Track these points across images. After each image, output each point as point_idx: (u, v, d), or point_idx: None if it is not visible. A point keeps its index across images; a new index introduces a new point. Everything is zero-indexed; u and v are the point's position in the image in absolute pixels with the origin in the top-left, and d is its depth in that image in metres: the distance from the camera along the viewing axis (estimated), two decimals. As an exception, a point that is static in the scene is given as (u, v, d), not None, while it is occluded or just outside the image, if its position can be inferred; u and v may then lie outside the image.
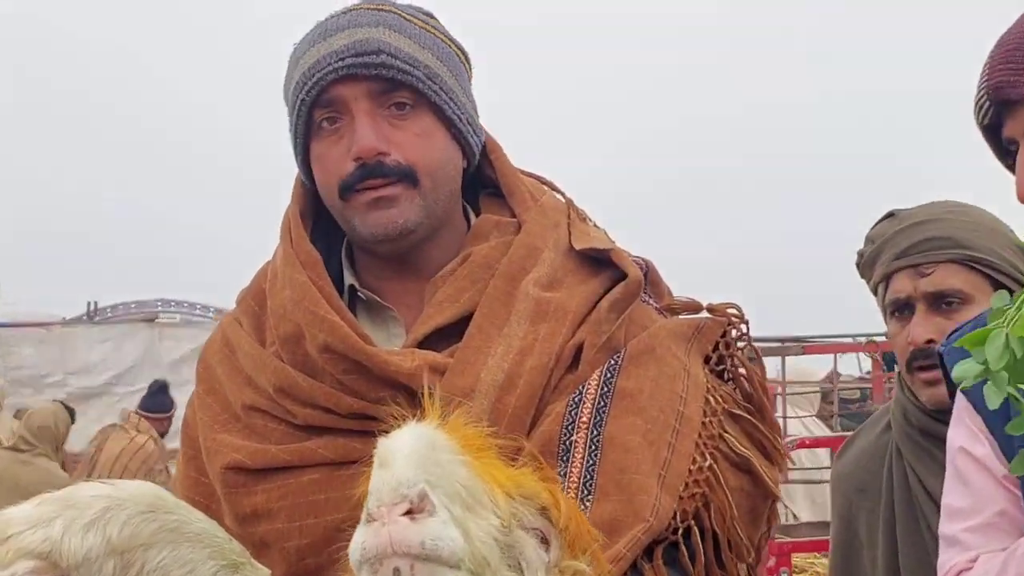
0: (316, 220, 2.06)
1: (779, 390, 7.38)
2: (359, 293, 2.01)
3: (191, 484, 1.98)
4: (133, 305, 16.20)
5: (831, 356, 7.81)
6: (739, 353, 2.02)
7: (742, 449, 1.88)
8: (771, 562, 6.01)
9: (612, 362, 1.87)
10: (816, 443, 6.95)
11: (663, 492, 1.75)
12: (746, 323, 2.04)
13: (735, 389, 1.99)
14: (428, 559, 1.32)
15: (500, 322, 1.89)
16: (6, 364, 13.47)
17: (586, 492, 1.73)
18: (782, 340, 8.44)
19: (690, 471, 1.79)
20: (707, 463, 1.81)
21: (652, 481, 1.75)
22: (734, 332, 2.02)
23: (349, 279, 2.03)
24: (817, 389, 8.82)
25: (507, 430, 1.72)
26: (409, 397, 1.71)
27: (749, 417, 1.95)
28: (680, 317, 2.04)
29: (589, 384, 1.83)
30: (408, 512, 1.33)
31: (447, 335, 1.90)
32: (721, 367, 2.00)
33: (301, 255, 1.96)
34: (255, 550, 1.81)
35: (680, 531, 1.77)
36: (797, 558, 6.23)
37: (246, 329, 2.02)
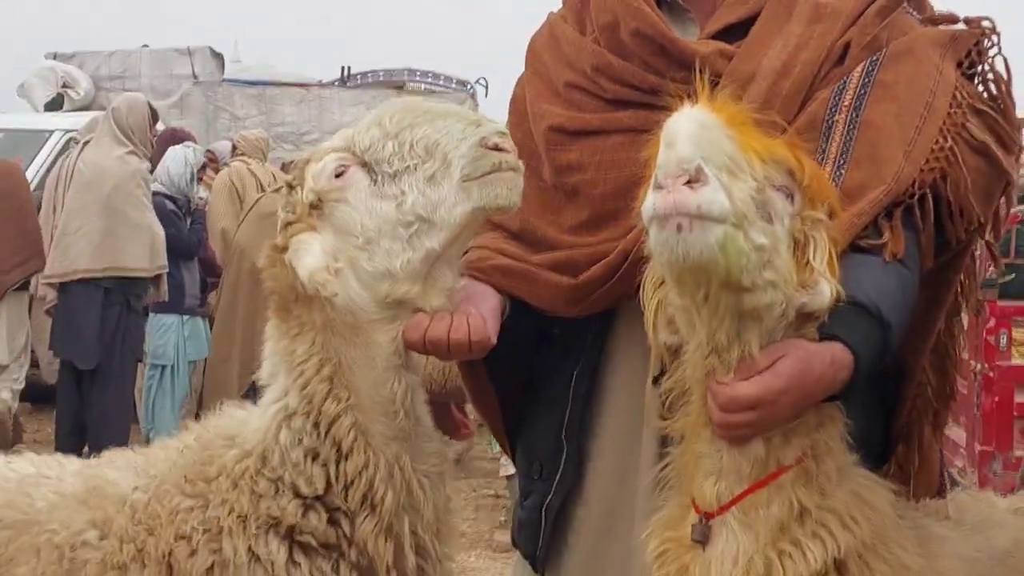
0: None
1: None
2: None
3: (517, 142, 2.40)
4: (382, 73, 16.84)
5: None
6: (989, 61, 2.21)
7: (982, 136, 2.11)
8: (991, 323, 6.27)
9: (874, 58, 2.15)
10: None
11: (906, 163, 2.03)
12: (997, 35, 2.22)
13: (983, 92, 2.19)
14: (702, 217, 1.73)
15: (781, 21, 2.21)
16: (270, 120, 14.36)
17: (841, 163, 2.05)
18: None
19: (932, 150, 2.05)
20: (948, 144, 2.06)
21: (898, 154, 2.03)
22: (987, 42, 2.22)
23: None
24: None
25: (780, 111, 2.07)
26: (699, 79, 1.97)
27: (992, 113, 2.15)
28: (938, 27, 2.27)
29: (852, 75, 2.13)
30: (687, 182, 1.73)
31: (735, 33, 2.24)
32: (972, 71, 2.20)
33: None
34: (566, 197, 2.27)
35: (916, 197, 2.04)
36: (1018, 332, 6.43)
37: (569, 22, 2.42)
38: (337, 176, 2.12)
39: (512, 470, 7.69)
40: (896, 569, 1.89)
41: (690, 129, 1.75)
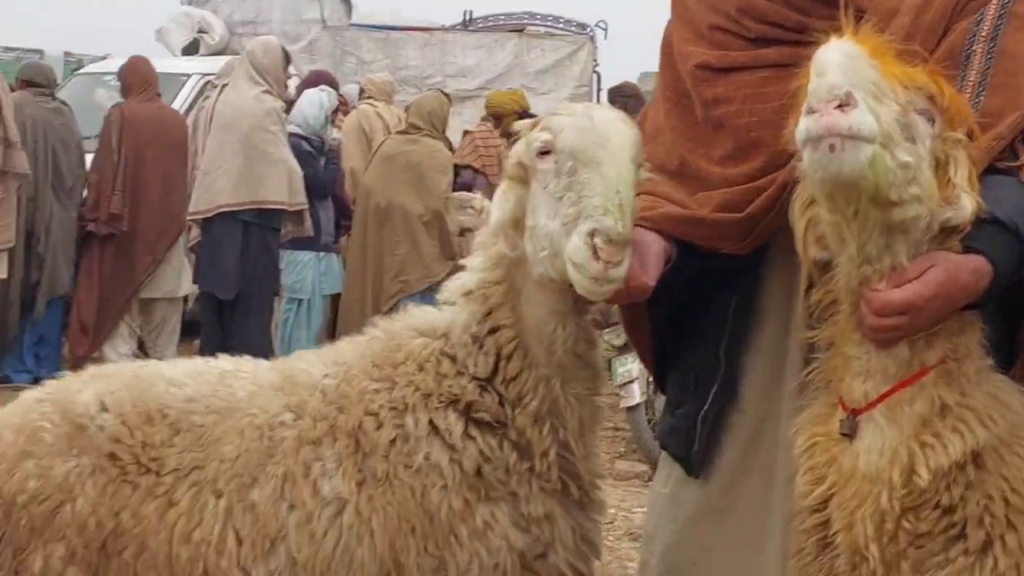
0: None
1: None
2: None
3: (668, 84, 2.56)
4: (502, 17, 17.00)
5: None
6: None
7: None
8: None
9: None
10: None
11: None
12: None
13: None
14: (853, 137, 1.91)
15: None
16: (394, 64, 14.63)
17: (980, 90, 2.18)
18: None
19: None
20: None
21: None
22: None
23: None
24: None
25: (922, 43, 2.19)
26: (843, 14, 2.12)
27: None
28: None
29: (990, 7, 2.24)
30: (838, 106, 1.91)
31: None
32: None
33: None
34: (713, 130, 2.45)
35: None
36: None
37: None
38: (539, 155, 2.32)
39: (633, 402, 7.93)
40: (1029, 462, 2.05)
41: (838, 59, 1.93)
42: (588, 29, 16.27)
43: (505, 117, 10.97)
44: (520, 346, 2.43)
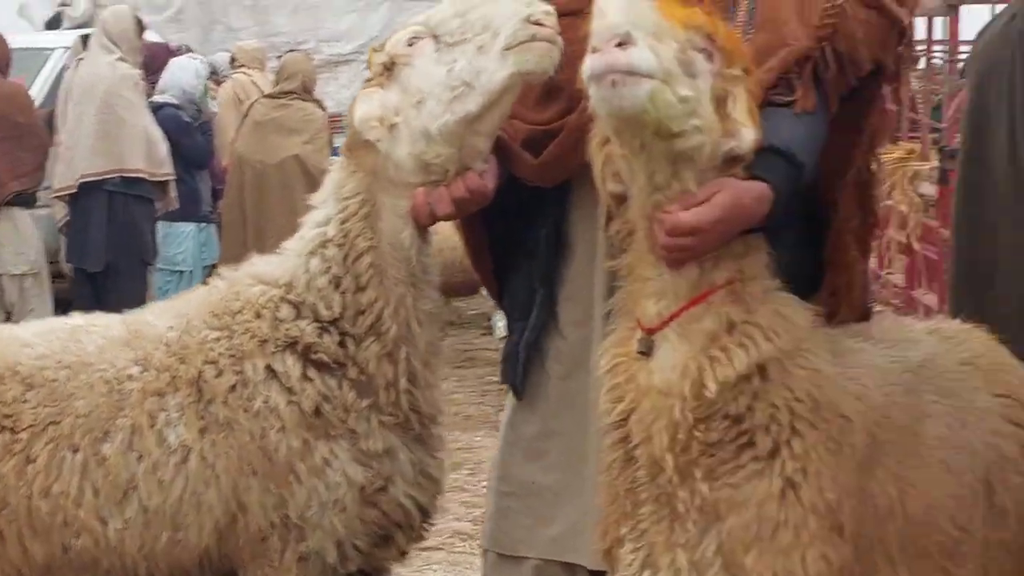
0: None
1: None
2: None
3: None
4: (375, -22, 16.94)
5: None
6: None
7: None
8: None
9: None
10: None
11: (800, 24, 2.32)
12: None
13: None
14: (633, 73, 2.03)
15: None
16: (264, 30, 14.57)
17: (749, 28, 2.35)
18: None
19: (825, 9, 2.33)
20: (838, 1, 2.33)
21: (793, 16, 2.32)
22: None
23: None
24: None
25: None
26: None
27: None
28: None
29: None
30: (619, 44, 2.03)
31: None
32: None
33: None
34: None
35: (818, 51, 2.32)
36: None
37: None
38: (409, 44, 2.51)
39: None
40: (810, 373, 2.21)
41: (619, 2, 2.05)
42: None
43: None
44: (377, 271, 2.57)
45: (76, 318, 2.88)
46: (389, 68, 2.53)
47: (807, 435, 2.19)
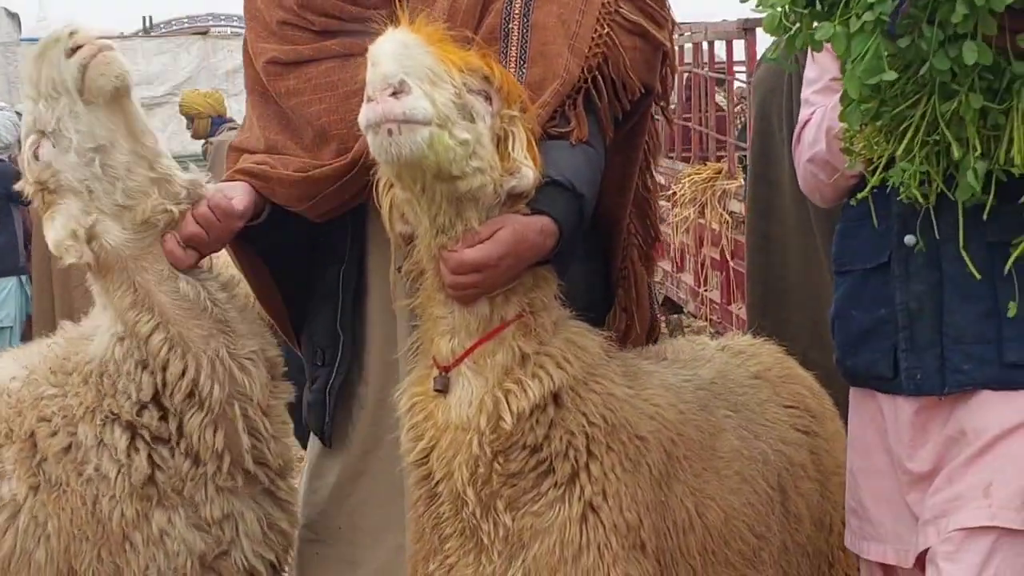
0: None
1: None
2: None
3: (251, 79, 2.70)
4: (186, 20, 16.77)
5: None
6: None
7: (634, 17, 2.49)
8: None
9: None
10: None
11: (572, 56, 2.41)
12: None
13: None
14: (408, 121, 2.07)
15: None
16: (73, 77, 14.25)
17: (521, 63, 2.43)
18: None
19: (593, 39, 2.43)
20: (605, 31, 2.44)
21: (564, 49, 2.41)
22: None
23: None
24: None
25: (461, 24, 2.39)
26: (399, 5, 2.32)
27: None
28: None
29: None
30: (393, 94, 2.07)
31: None
32: None
33: None
34: (297, 119, 2.60)
35: (589, 82, 2.43)
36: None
37: None
38: (36, 158, 2.45)
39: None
40: (604, 397, 2.28)
41: (392, 49, 2.10)
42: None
43: (198, 119, 10.89)
44: (175, 342, 2.52)
45: None
46: (45, 190, 2.48)
47: (604, 458, 2.26)
